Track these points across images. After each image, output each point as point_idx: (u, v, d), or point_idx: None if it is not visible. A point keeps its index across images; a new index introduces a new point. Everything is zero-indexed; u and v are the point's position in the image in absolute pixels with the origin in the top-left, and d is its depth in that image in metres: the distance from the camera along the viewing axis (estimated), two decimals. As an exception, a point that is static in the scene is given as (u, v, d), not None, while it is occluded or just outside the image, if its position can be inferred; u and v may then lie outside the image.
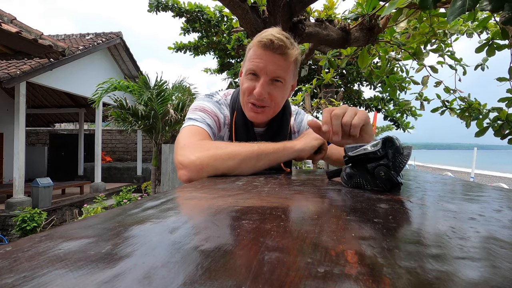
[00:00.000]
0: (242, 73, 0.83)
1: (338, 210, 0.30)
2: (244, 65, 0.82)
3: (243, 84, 0.80)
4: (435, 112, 2.27)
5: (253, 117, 0.82)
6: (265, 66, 0.74)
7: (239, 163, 0.64)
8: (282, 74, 0.77)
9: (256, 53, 0.75)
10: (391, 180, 0.41)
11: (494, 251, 0.18)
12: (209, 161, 0.62)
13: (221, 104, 0.88)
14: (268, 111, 0.81)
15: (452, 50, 2.18)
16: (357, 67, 5.41)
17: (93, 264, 0.15)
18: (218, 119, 0.83)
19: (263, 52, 0.74)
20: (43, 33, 4.05)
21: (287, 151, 0.71)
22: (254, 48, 0.76)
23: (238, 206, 0.31)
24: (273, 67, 0.75)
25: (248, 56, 0.78)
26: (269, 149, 0.68)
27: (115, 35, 8.15)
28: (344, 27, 2.06)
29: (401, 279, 0.14)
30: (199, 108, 0.82)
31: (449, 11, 0.81)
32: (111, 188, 7.91)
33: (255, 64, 0.75)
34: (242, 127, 0.85)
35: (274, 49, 0.73)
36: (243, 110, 0.84)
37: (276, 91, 0.78)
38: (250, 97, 0.79)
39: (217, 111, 0.84)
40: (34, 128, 11.24)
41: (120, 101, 5.91)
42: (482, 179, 15.47)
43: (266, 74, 0.75)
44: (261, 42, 0.73)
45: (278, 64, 0.75)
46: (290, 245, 0.19)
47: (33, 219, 4.67)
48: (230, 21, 5.10)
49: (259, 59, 0.75)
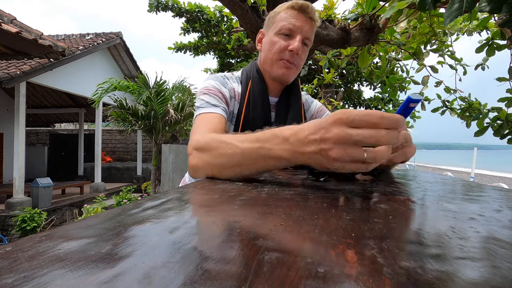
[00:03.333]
0: (264, 38, 0.87)
1: (338, 210, 0.30)
2: (268, 30, 0.85)
3: (275, 43, 0.82)
4: (436, 112, 2.27)
5: (284, 73, 0.84)
6: (302, 26, 0.80)
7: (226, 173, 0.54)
8: (311, 37, 0.83)
9: (290, 14, 0.80)
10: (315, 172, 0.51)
11: (494, 251, 0.18)
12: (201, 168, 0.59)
13: (227, 78, 0.89)
14: (295, 70, 0.85)
15: (452, 50, 2.18)
16: (357, 67, 5.41)
17: (93, 264, 0.15)
18: (223, 94, 0.82)
19: (298, 14, 0.80)
20: (43, 33, 4.04)
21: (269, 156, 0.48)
22: (286, 11, 0.80)
23: (238, 206, 0.31)
24: (307, 27, 0.81)
25: (279, 18, 0.82)
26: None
27: (115, 35, 8.15)
28: (344, 27, 2.06)
29: (401, 279, 0.14)
30: (202, 91, 0.83)
31: (446, 14, 0.82)
32: (111, 188, 7.90)
33: (292, 22, 0.79)
34: (258, 95, 0.86)
35: (307, 13, 0.80)
36: (270, 70, 0.85)
37: (303, 52, 0.83)
38: (282, 54, 0.82)
39: (220, 87, 0.84)
40: (34, 128, 11.23)
41: (120, 101, 5.90)
42: (482, 179, 15.46)
43: (301, 32, 0.80)
44: (297, 4, 0.79)
45: (309, 26, 0.81)
46: (290, 245, 0.19)
47: (33, 219, 4.67)
48: (230, 21, 5.10)
49: (294, 19, 0.79)
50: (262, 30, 0.90)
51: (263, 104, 0.85)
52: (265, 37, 0.87)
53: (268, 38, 0.85)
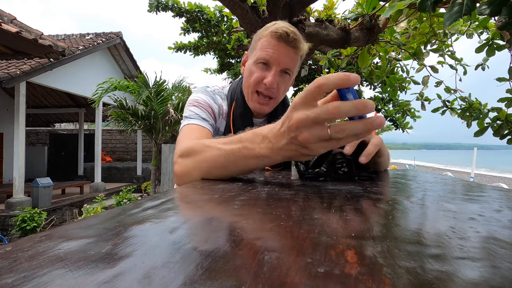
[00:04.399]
0: (247, 62, 0.83)
1: (338, 210, 0.30)
2: (251, 54, 0.81)
3: (253, 73, 0.79)
4: (436, 112, 2.27)
5: (258, 108, 0.82)
6: (278, 57, 0.75)
7: (211, 170, 0.56)
8: (292, 67, 0.78)
9: (269, 43, 0.75)
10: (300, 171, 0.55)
11: (494, 251, 0.18)
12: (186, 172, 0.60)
13: (216, 94, 0.88)
14: (272, 102, 0.82)
15: (453, 50, 2.18)
16: (357, 67, 5.41)
17: (93, 264, 0.15)
18: (212, 110, 0.83)
19: (277, 43, 0.75)
20: (43, 33, 4.04)
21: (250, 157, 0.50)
22: (267, 38, 0.76)
23: (238, 206, 0.31)
24: (285, 58, 0.76)
25: (259, 46, 0.78)
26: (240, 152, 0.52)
27: (115, 35, 8.15)
28: (344, 27, 2.06)
29: (401, 279, 0.14)
30: (192, 103, 0.82)
31: (446, 16, 0.82)
32: (111, 188, 7.90)
33: (269, 54, 0.75)
34: (241, 118, 0.84)
35: (288, 42, 0.74)
36: (247, 99, 0.83)
37: (283, 83, 0.80)
38: (258, 86, 0.79)
39: (211, 102, 0.84)
40: (34, 128, 11.23)
41: (120, 101, 5.90)
42: (482, 179, 15.47)
43: (278, 64, 0.76)
44: (277, 33, 0.74)
45: (290, 56, 0.76)
46: (290, 245, 0.19)
47: (33, 219, 4.67)
48: (230, 21, 5.10)
49: (272, 49, 0.75)
50: (246, 53, 0.87)
51: (245, 126, 0.83)
52: (247, 61, 0.84)
53: (248, 64, 0.82)
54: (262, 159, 0.48)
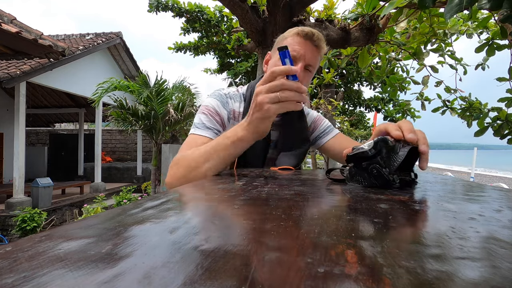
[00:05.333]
0: (270, 60, 0.90)
1: (338, 210, 0.30)
2: (275, 53, 0.87)
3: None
4: (436, 112, 2.27)
5: None
6: (305, 53, 0.81)
7: (188, 173, 0.67)
8: (314, 64, 0.85)
9: (295, 40, 0.82)
10: (382, 177, 0.44)
11: (494, 251, 0.18)
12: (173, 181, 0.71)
13: (230, 97, 0.93)
14: None
15: (453, 50, 2.18)
16: (357, 67, 5.40)
17: (93, 264, 0.15)
18: (220, 117, 0.88)
19: (303, 41, 0.82)
20: (43, 33, 4.04)
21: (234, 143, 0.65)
22: (293, 37, 0.83)
23: (238, 206, 0.31)
24: (310, 55, 0.83)
25: (285, 43, 0.83)
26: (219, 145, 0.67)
27: (115, 35, 8.14)
28: (344, 27, 2.06)
29: (401, 279, 0.14)
30: (203, 110, 0.88)
31: (446, 9, 0.82)
32: (111, 188, 7.90)
33: (296, 50, 0.81)
34: None
35: (313, 40, 0.82)
36: None
37: (305, 78, 0.85)
38: None
39: (220, 109, 0.88)
40: (34, 128, 11.23)
41: (120, 101, 5.90)
42: (482, 179, 15.46)
43: (304, 60, 0.82)
44: (303, 31, 0.82)
45: (313, 54, 0.83)
46: (290, 245, 0.19)
47: (33, 219, 4.67)
48: (230, 21, 5.10)
49: (299, 46, 0.81)
50: (269, 52, 0.93)
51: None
52: (271, 60, 0.88)
53: (273, 62, 0.87)
54: (239, 143, 0.62)
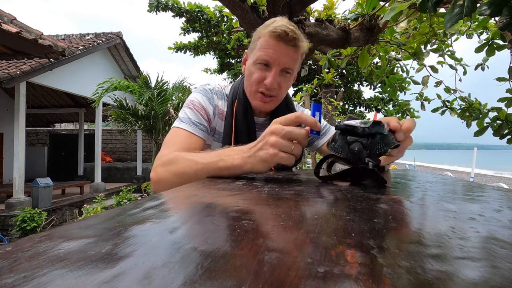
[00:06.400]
0: (248, 61, 0.83)
1: (338, 210, 0.30)
2: (251, 53, 0.81)
3: (253, 74, 0.79)
4: (436, 112, 2.27)
5: (261, 106, 0.83)
6: (278, 58, 0.75)
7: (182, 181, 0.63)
8: (292, 66, 0.78)
9: (268, 43, 0.74)
10: (359, 157, 0.44)
11: (494, 251, 0.18)
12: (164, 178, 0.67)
13: (214, 93, 0.89)
14: (275, 100, 0.83)
15: (452, 50, 2.18)
16: (357, 67, 5.41)
17: (93, 264, 0.15)
18: (206, 112, 0.84)
19: (276, 43, 0.74)
20: (43, 33, 4.05)
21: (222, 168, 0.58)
22: (266, 38, 0.75)
23: (238, 206, 0.31)
24: (286, 58, 0.75)
25: (259, 45, 0.77)
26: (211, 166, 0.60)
27: (115, 35, 8.14)
28: (344, 27, 2.06)
29: (401, 279, 0.14)
30: (188, 104, 0.84)
31: (447, 18, 0.81)
32: (111, 188, 7.90)
33: (269, 54, 0.75)
34: (243, 117, 0.85)
35: (288, 41, 0.73)
36: (249, 99, 0.84)
37: (284, 82, 0.80)
38: (259, 86, 0.79)
39: (205, 104, 0.84)
40: (34, 128, 11.23)
41: (120, 101, 5.90)
42: (482, 179, 15.46)
43: (278, 65, 0.76)
44: (275, 33, 0.72)
45: (290, 56, 0.76)
46: (290, 245, 0.19)
47: (33, 219, 4.67)
48: (230, 21, 5.10)
49: (272, 49, 0.74)
50: (246, 51, 0.86)
51: (248, 125, 0.85)
52: (248, 60, 0.83)
53: (248, 64, 0.82)
54: (233, 169, 0.56)
